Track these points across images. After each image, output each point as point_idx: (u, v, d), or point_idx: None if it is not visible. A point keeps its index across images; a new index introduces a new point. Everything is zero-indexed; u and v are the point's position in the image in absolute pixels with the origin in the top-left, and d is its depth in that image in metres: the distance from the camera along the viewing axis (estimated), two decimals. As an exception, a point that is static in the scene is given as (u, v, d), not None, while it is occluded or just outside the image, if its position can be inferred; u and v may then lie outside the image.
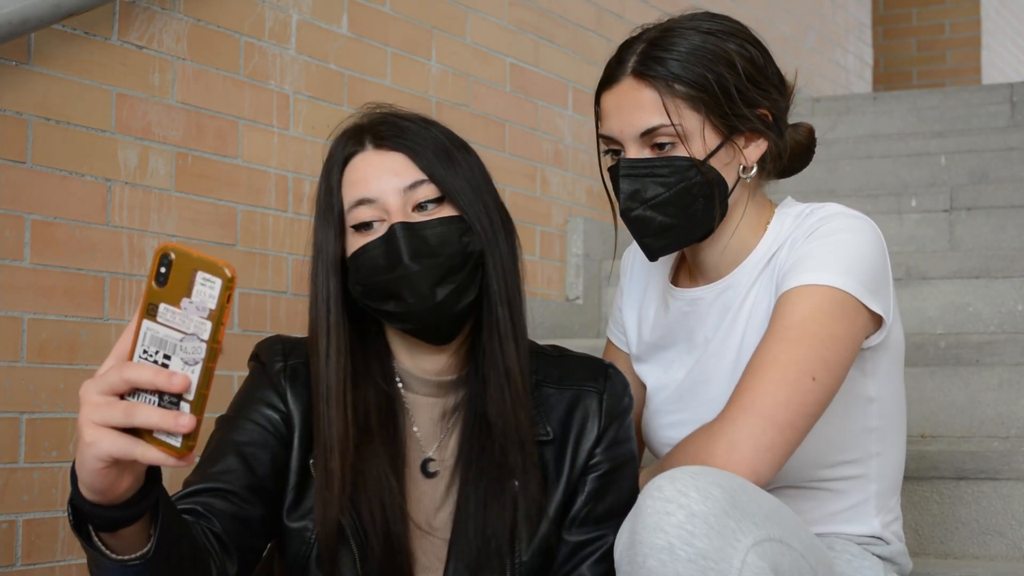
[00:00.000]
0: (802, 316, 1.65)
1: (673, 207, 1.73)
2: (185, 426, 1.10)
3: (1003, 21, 7.35)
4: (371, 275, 1.60)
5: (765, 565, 1.43)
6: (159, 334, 1.12)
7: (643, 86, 1.72)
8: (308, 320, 1.65)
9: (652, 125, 1.71)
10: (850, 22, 5.84)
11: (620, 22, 3.89)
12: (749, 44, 1.77)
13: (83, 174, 2.25)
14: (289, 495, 1.62)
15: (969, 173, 3.76)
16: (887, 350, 1.78)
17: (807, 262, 1.70)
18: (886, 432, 1.81)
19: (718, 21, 1.77)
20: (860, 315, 1.69)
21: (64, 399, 2.20)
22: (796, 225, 1.78)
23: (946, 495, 2.31)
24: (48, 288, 2.18)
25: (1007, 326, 2.90)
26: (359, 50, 2.88)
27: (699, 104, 1.71)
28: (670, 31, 1.75)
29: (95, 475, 1.15)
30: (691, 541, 1.40)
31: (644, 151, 1.73)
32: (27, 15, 2.06)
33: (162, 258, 1.11)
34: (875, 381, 1.78)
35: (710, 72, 1.71)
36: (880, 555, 1.81)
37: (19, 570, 2.12)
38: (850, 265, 1.69)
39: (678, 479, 1.44)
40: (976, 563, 2.25)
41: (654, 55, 1.72)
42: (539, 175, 3.47)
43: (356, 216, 1.61)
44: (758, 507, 1.47)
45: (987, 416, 2.57)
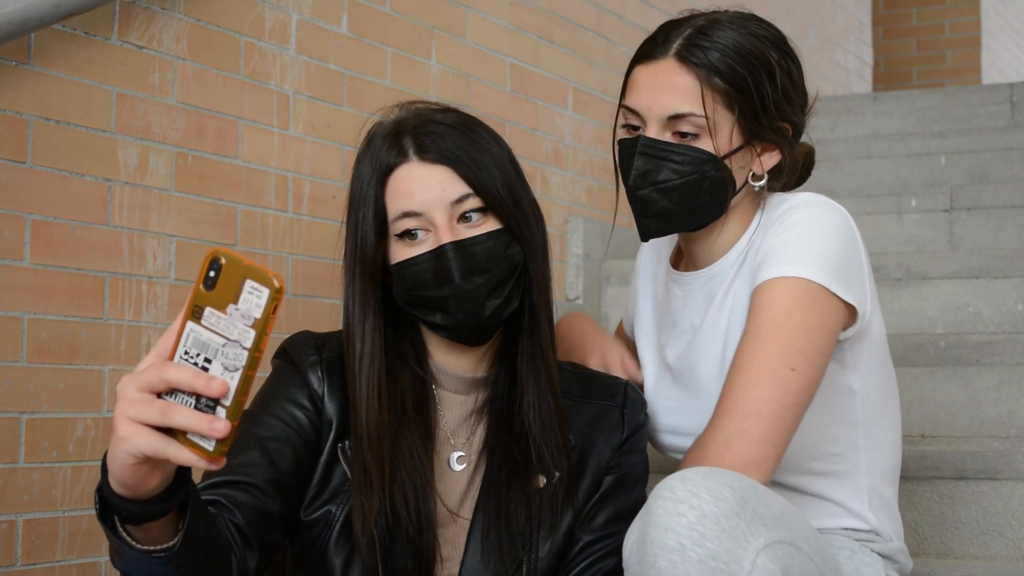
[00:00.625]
0: (774, 311, 1.66)
1: (679, 195, 1.73)
2: (220, 431, 1.10)
3: (1003, 21, 7.34)
4: (419, 288, 1.63)
5: (775, 568, 1.43)
6: (202, 337, 1.12)
7: (683, 70, 1.72)
8: (343, 319, 1.68)
9: (683, 111, 1.71)
10: (850, 22, 5.83)
11: (620, 22, 3.89)
12: (789, 58, 1.79)
13: (83, 174, 2.25)
14: (312, 489, 1.64)
15: (969, 173, 3.76)
16: (866, 341, 1.78)
17: (775, 255, 1.70)
18: (872, 425, 1.81)
19: (765, 27, 1.79)
20: (833, 305, 1.69)
21: (64, 399, 2.20)
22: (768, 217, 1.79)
23: (946, 495, 2.31)
24: (48, 288, 2.18)
25: (1007, 326, 2.90)
26: (359, 50, 2.88)
27: (733, 102, 1.71)
28: (718, 23, 1.75)
29: (125, 470, 1.16)
30: (702, 542, 1.41)
31: (665, 134, 1.73)
32: (27, 15, 2.06)
33: (212, 262, 1.12)
34: (856, 373, 1.78)
35: (751, 74, 1.72)
36: (880, 552, 1.81)
37: (19, 570, 2.12)
38: (817, 255, 1.69)
39: (690, 479, 1.45)
40: (976, 563, 2.25)
41: (700, 43, 1.72)
42: (539, 175, 3.47)
43: (401, 225, 1.64)
44: (768, 509, 1.47)
45: (987, 416, 2.57)
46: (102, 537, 2.24)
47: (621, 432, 1.73)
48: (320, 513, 1.63)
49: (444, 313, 1.63)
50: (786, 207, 1.76)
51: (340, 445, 1.64)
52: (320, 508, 1.63)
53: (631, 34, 3.92)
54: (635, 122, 1.75)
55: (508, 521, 1.63)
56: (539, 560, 1.62)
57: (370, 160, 1.66)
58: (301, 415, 1.65)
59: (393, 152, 1.65)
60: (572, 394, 1.75)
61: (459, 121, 1.68)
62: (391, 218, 1.64)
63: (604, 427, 1.73)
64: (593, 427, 1.73)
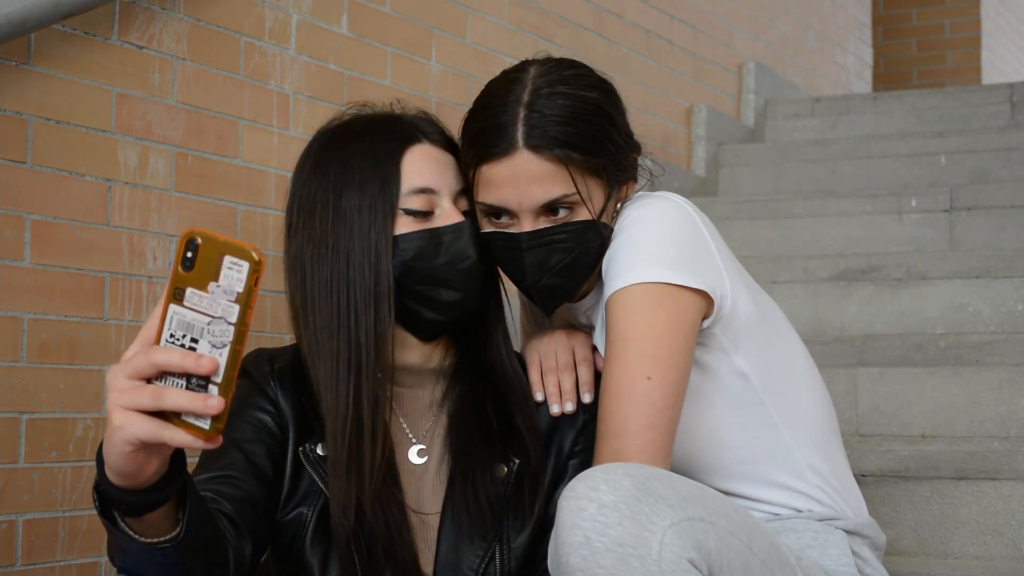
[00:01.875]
0: (620, 327, 1.66)
1: (573, 268, 1.73)
2: (214, 407, 1.11)
3: (1003, 21, 7.35)
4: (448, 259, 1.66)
5: (686, 544, 1.44)
6: (186, 318, 1.13)
7: (539, 159, 1.67)
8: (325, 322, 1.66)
9: (555, 196, 1.68)
10: (850, 22, 5.84)
11: (620, 22, 3.89)
12: (603, 90, 1.76)
13: (83, 174, 2.25)
14: (284, 490, 1.66)
15: (969, 173, 3.76)
16: (739, 323, 1.75)
17: (612, 266, 1.70)
18: (783, 400, 1.80)
19: (569, 72, 1.74)
20: (681, 298, 1.67)
21: (64, 399, 2.20)
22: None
23: (946, 495, 2.31)
24: (48, 288, 2.18)
25: (1007, 326, 2.90)
26: (359, 50, 2.88)
27: (594, 167, 1.69)
28: (538, 94, 1.70)
29: (123, 459, 1.16)
30: (605, 531, 1.42)
31: (539, 220, 1.70)
32: (27, 15, 2.06)
33: (188, 243, 1.12)
34: (740, 355, 1.76)
35: (594, 130, 1.69)
36: (845, 529, 1.80)
37: (19, 570, 2.12)
38: (653, 253, 1.68)
39: (588, 476, 1.47)
40: (976, 563, 2.25)
41: (538, 124, 1.68)
42: (539, 175, 3.47)
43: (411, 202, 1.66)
44: (674, 491, 1.48)
45: (987, 416, 2.57)
46: (102, 537, 2.24)
47: (582, 415, 1.74)
48: (294, 515, 1.65)
49: (452, 288, 1.66)
50: (617, 218, 1.75)
51: (301, 449, 1.67)
52: (293, 510, 1.66)
53: (631, 34, 3.93)
54: (504, 215, 1.71)
55: (476, 511, 1.64)
56: (514, 548, 1.64)
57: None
58: (267, 417, 1.68)
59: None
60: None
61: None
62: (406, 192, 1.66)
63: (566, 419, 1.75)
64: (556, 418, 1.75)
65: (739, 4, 4.71)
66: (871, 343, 2.85)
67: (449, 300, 1.66)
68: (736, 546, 1.52)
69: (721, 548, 1.50)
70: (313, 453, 1.66)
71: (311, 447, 1.66)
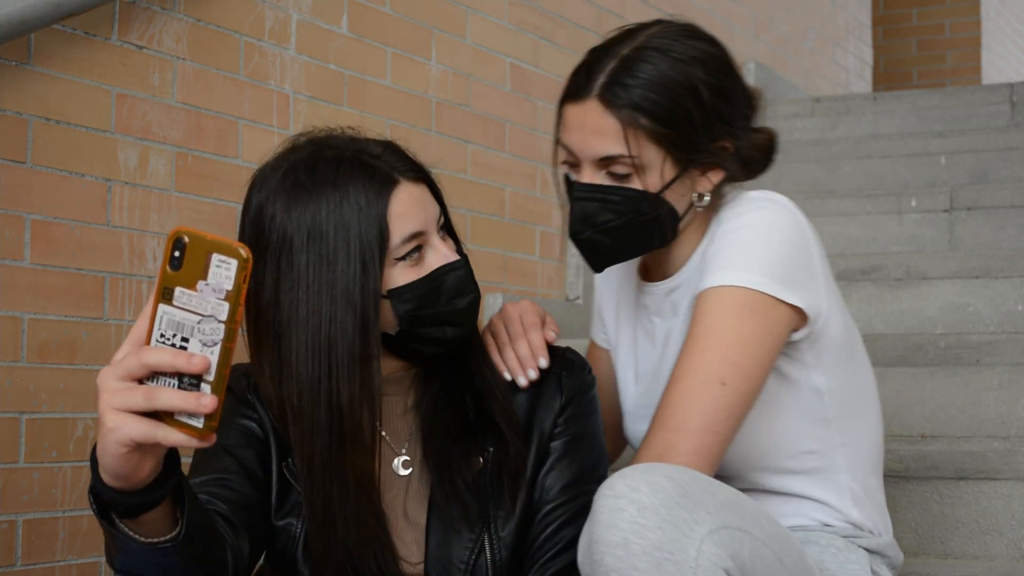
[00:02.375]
0: (708, 324, 1.65)
1: (621, 232, 1.72)
2: (207, 406, 1.11)
3: (1003, 21, 7.35)
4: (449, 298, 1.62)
5: (723, 552, 1.44)
6: (176, 317, 1.12)
7: (607, 112, 1.68)
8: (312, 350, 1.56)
9: (611, 153, 1.68)
10: (850, 22, 5.83)
11: (620, 22, 3.88)
12: (719, 72, 1.73)
13: (83, 174, 2.25)
14: (275, 497, 1.66)
15: (969, 173, 3.75)
16: (826, 340, 1.75)
17: (715, 261, 1.69)
18: (846, 422, 1.80)
19: (690, 43, 1.73)
20: (776, 310, 1.67)
21: (64, 399, 2.20)
22: (718, 220, 1.77)
23: (946, 495, 2.31)
24: (48, 288, 2.18)
25: (1007, 326, 2.90)
26: (359, 50, 2.88)
27: (661, 138, 1.68)
28: (642, 52, 1.70)
29: (118, 460, 1.16)
30: (644, 534, 1.42)
31: (599, 175, 1.71)
32: (27, 15, 2.06)
33: (176, 242, 1.12)
34: (821, 372, 1.77)
35: (676, 104, 1.67)
36: (867, 547, 1.81)
37: (19, 570, 2.12)
38: (758, 260, 1.67)
39: (628, 475, 1.46)
40: (976, 563, 2.25)
41: (621, 80, 1.68)
42: (539, 175, 3.47)
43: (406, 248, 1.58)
44: (712, 497, 1.48)
45: (987, 416, 2.57)
46: (102, 537, 2.24)
47: (560, 397, 1.71)
48: (284, 523, 1.65)
49: (454, 326, 1.64)
50: (735, 211, 1.73)
51: (284, 464, 1.66)
52: (284, 518, 1.65)
53: (631, 34, 3.93)
54: (571, 159, 1.73)
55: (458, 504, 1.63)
56: (503, 538, 1.63)
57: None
58: (254, 424, 1.67)
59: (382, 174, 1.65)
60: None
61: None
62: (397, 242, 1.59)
63: (543, 395, 1.72)
64: (535, 397, 1.72)
65: (739, 4, 4.71)
66: (871, 343, 2.84)
67: (454, 336, 1.65)
68: (768, 556, 1.52)
69: (754, 558, 1.49)
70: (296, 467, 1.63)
71: (294, 462, 1.63)
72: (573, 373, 1.73)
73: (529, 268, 3.37)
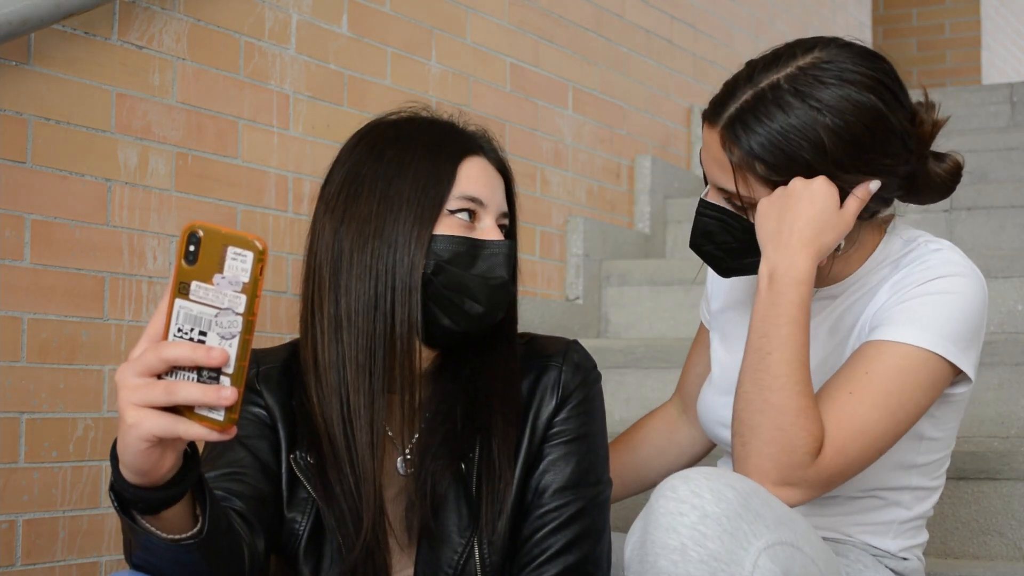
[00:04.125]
0: (902, 385, 1.64)
1: (742, 254, 1.72)
2: (228, 398, 1.11)
3: (1003, 21, 7.34)
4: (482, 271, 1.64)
5: (777, 569, 1.43)
6: (193, 311, 1.12)
7: (724, 150, 1.66)
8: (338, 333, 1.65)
9: (725, 187, 1.68)
10: (850, 22, 5.84)
11: (620, 22, 3.89)
12: (861, 118, 1.64)
13: (83, 174, 2.25)
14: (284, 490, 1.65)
15: (969, 173, 3.74)
16: (958, 398, 1.77)
17: (914, 316, 1.66)
18: (930, 470, 1.80)
19: (835, 81, 1.64)
20: (948, 378, 1.69)
21: (64, 399, 2.20)
22: (902, 256, 1.75)
23: (946, 495, 2.30)
24: (48, 288, 2.18)
25: (1007, 326, 2.90)
26: (359, 50, 2.88)
27: (774, 185, 1.65)
28: (778, 91, 1.64)
29: (139, 456, 1.16)
30: (703, 542, 1.40)
31: (721, 198, 1.71)
32: (27, 15, 2.06)
33: (190, 236, 1.12)
34: (934, 423, 1.77)
35: (792, 159, 1.63)
36: (894, 569, 1.80)
37: (19, 570, 2.12)
38: (956, 328, 1.67)
39: (692, 479, 1.44)
40: (976, 563, 2.24)
41: (747, 122, 1.63)
42: (539, 175, 3.47)
43: (458, 205, 1.66)
44: (771, 511, 1.47)
45: (987, 416, 2.57)
46: (102, 537, 2.24)
47: (557, 394, 1.69)
48: (289, 518, 1.64)
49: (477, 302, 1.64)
50: (933, 263, 1.71)
51: (292, 456, 1.65)
52: (289, 512, 1.65)
53: (631, 34, 3.92)
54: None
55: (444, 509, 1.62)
56: (493, 542, 1.61)
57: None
58: (262, 412, 1.67)
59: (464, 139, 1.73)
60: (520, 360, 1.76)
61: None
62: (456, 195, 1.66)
63: (542, 388, 1.70)
64: (533, 389, 1.70)
65: (739, 4, 4.71)
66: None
67: (471, 312, 1.64)
68: (815, 574, 1.51)
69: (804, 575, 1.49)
70: (304, 460, 1.64)
71: (301, 455, 1.64)
72: (573, 367, 1.71)
73: (529, 268, 3.37)
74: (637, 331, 3.44)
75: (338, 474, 1.61)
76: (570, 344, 1.74)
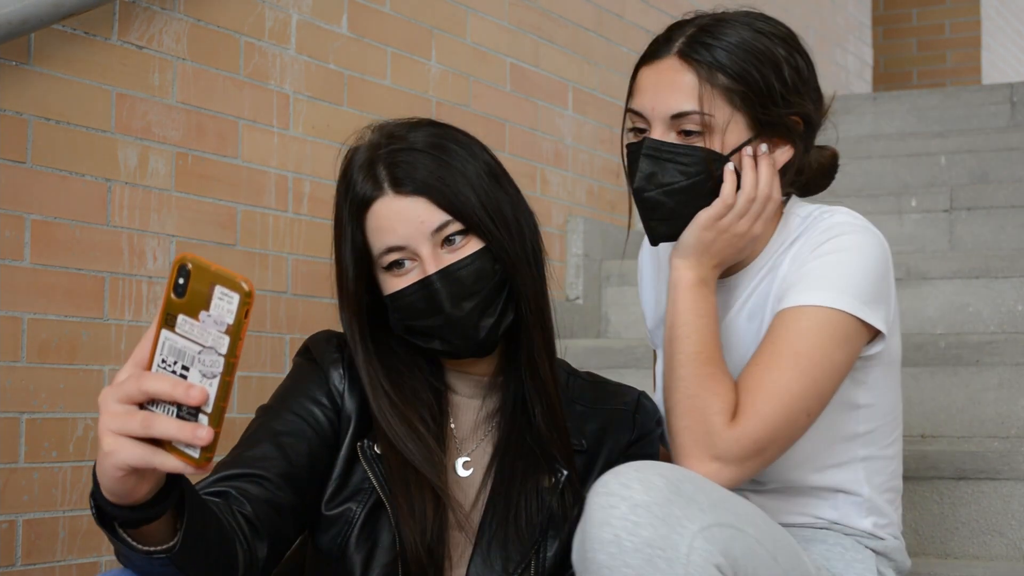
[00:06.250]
0: (810, 343, 1.66)
1: (686, 196, 1.72)
2: (203, 439, 1.09)
3: (1003, 21, 7.34)
4: (412, 318, 1.65)
5: (714, 549, 1.44)
6: (177, 345, 1.11)
7: (685, 68, 1.70)
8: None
9: (684, 109, 1.70)
10: (850, 22, 5.83)
11: (620, 22, 3.89)
12: (798, 54, 1.76)
13: (83, 174, 2.25)
14: (332, 484, 1.65)
15: (969, 173, 3.75)
16: (882, 360, 1.78)
17: (814, 279, 1.69)
18: (875, 436, 1.81)
19: (772, 24, 1.77)
20: (861, 335, 1.70)
21: (64, 399, 2.20)
22: (801, 231, 1.78)
23: (946, 495, 2.31)
24: (48, 288, 2.18)
25: (1007, 326, 2.90)
26: (359, 50, 2.88)
27: (735, 97, 1.70)
28: (723, 21, 1.74)
29: (114, 482, 1.16)
30: (636, 531, 1.42)
31: (670, 134, 1.72)
32: (27, 15, 2.06)
33: (180, 269, 1.10)
34: (865, 389, 1.78)
35: (755, 69, 1.70)
36: (874, 549, 1.81)
37: (19, 570, 2.12)
38: (854, 284, 1.68)
39: (621, 472, 1.47)
40: (976, 563, 2.25)
41: (703, 40, 1.71)
42: (539, 175, 3.47)
43: (387, 259, 1.65)
44: (705, 495, 1.48)
45: (987, 416, 2.57)
46: (102, 537, 2.24)
47: (631, 433, 1.75)
48: (341, 509, 1.64)
49: (441, 340, 1.65)
50: (824, 227, 1.74)
51: (360, 444, 1.66)
52: (341, 504, 1.64)
53: (631, 34, 3.92)
54: (641, 125, 1.74)
55: (517, 522, 1.64)
56: (547, 559, 1.63)
57: (347, 192, 1.68)
58: (319, 412, 1.66)
59: (368, 184, 1.65)
60: (587, 401, 1.78)
61: (431, 142, 1.67)
62: (376, 253, 1.65)
63: (614, 430, 1.74)
64: (604, 431, 1.74)
65: (739, 4, 4.71)
66: (871, 343, 2.85)
67: (447, 349, 1.66)
68: (762, 555, 1.52)
69: (747, 555, 1.49)
70: (371, 450, 1.65)
71: (369, 443, 1.65)
72: (647, 417, 1.77)
73: (529, 268, 3.37)
74: (637, 331, 3.44)
75: (403, 468, 1.62)
76: (641, 395, 1.80)
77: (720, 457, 1.62)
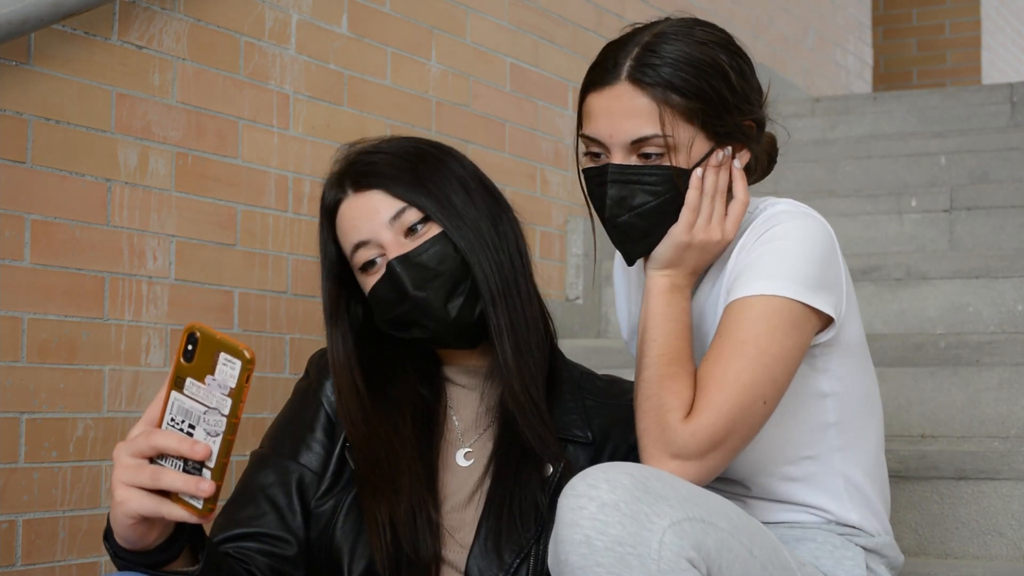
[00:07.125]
0: (756, 332, 1.66)
1: (657, 215, 1.73)
2: (205, 491, 1.22)
3: (1003, 21, 7.35)
4: (387, 311, 1.70)
5: (685, 543, 1.45)
6: (185, 405, 1.24)
7: (638, 93, 1.69)
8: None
9: (645, 134, 1.70)
10: (850, 22, 5.83)
11: (620, 22, 3.88)
12: (737, 56, 1.77)
13: (83, 174, 2.25)
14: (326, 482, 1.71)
15: (969, 173, 3.75)
16: (839, 346, 1.77)
17: (756, 269, 1.69)
18: (848, 426, 1.80)
19: (709, 31, 1.76)
20: (810, 321, 1.70)
21: (64, 399, 2.20)
22: (747, 223, 1.79)
23: (946, 495, 2.31)
24: (48, 288, 2.18)
25: (1007, 326, 2.90)
26: (359, 50, 2.88)
27: (693, 115, 1.70)
28: (663, 37, 1.73)
29: (126, 530, 1.30)
30: (605, 530, 1.44)
31: (631, 158, 1.72)
32: (27, 15, 2.06)
33: (189, 336, 1.23)
34: (828, 377, 1.78)
35: (704, 82, 1.70)
36: (864, 546, 1.81)
37: (19, 570, 2.12)
38: (798, 270, 1.69)
39: (589, 474, 1.48)
40: (976, 563, 2.25)
41: (650, 61, 1.70)
42: (539, 175, 3.47)
43: (358, 259, 1.72)
44: (674, 491, 1.49)
45: (987, 416, 2.57)
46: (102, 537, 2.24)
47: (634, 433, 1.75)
48: (330, 504, 1.69)
49: (417, 326, 1.70)
50: (764, 219, 1.75)
51: (348, 446, 1.72)
52: (330, 499, 1.70)
53: (631, 34, 3.93)
54: (597, 150, 1.74)
55: (518, 512, 1.66)
56: (546, 550, 1.65)
57: (321, 206, 1.78)
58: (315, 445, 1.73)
59: (333, 191, 1.75)
60: (599, 396, 1.81)
61: (403, 148, 1.75)
62: (348, 255, 1.73)
63: (622, 426, 1.76)
64: (611, 425, 1.77)
65: (739, 4, 4.71)
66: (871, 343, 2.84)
67: (424, 335, 1.71)
68: (736, 548, 1.53)
69: (721, 549, 1.50)
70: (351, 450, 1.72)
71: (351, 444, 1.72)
72: None
73: (529, 268, 3.37)
74: (637, 331, 3.44)
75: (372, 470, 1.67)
76: None
77: (679, 454, 1.62)
